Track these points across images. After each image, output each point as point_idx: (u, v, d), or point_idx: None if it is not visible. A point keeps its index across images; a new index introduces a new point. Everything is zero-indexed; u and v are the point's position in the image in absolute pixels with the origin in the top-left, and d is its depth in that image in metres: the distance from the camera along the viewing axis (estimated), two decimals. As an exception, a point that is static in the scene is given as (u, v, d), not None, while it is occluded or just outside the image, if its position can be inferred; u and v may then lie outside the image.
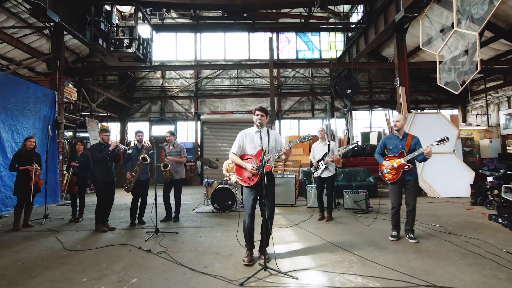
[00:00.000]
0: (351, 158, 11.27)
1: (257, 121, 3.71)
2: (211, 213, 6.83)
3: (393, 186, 4.49)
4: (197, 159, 15.04)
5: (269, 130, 3.84)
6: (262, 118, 3.74)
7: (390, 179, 4.47)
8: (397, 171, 4.39)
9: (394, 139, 4.55)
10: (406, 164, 4.34)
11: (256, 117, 3.76)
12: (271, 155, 3.64)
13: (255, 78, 15.62)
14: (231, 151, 3.85)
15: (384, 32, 10.70)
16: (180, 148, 6.18)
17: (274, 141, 3.80)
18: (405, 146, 4.44)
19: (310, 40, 16.03)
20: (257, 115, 3.75)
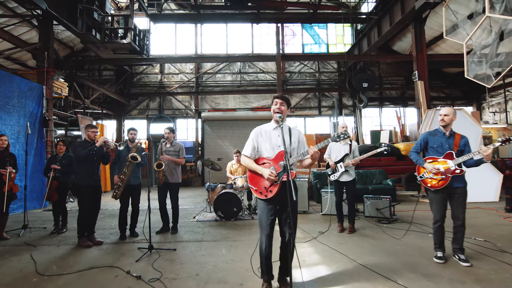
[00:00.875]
0: (363, 159, 10.44)
1: (276, 112, 2.90)
2: (214, 221, 6.02)
3: (437, 195, 3.68)
4: (197, 159, 14.23)
5: (290, 127, 3.03)
6: (282, 108, 2.93)
7: (434, 186, 3.66)
8: (445, 176, 3.57)
9: (439, 136, 3.74)
10: (457, 168, 3.53)
11: (274, 107, 2.95)
12: (294, 158, 2.83)
13: (258, 74, 14.80)
14: (243, 154, 3.04)
15: (400, 22, 9.87)
16: (179, 147, 5.38)
17: (297, 141, 2.99)
18: (453, 146, 3.63)
19: (316, 33, 15.19)
20: (276, 103, 2.94)
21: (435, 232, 3.74)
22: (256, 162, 2.96)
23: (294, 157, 2.83)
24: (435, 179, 3.65)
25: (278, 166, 2.82)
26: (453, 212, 3.63)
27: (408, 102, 15.46)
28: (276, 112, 2.92)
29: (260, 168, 2.86)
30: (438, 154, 3.70)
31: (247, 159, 2.99)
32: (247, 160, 2.99)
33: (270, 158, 2.91)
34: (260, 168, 2.85)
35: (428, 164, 3.69)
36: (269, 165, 2.87)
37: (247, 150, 3.01)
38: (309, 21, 11.61)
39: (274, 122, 2.99)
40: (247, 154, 3.00)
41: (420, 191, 9.61)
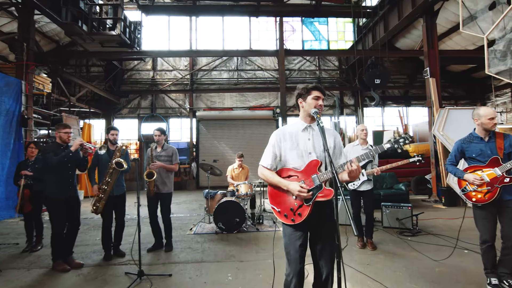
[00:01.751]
0: (370, 161, 9.80)
1: (312, 108, 2.20)
2: (214, 234, 5.29)
3: (482, 211, 3.03)
4: (192, 160, 13.46)
5: (323, 127, 2.31)
6: (322, 105, 2.23)
7: (481, 200, 3.01)
8: (492, 187, 2.92)
9: (475, 143, 3.09)
10: (506, 176, 2.89)
11: (311, 101, 2.23)
12: (329, 172, 2.12)
13: (256, 71, 14.08)
14: (262, 164, 2.33)
15: (410, 16, 9.27)
16: (171, 151, 4.62)
17: (332, 146, 2.28)
18: (498, 149, 2.99)
19: (317, 29, 14.55)
20: (317, 98, 2.23)
21: (485, 254, 3.09)
22: (279, 174, 2.26)
23: (329, 171, 2.12)
24: (480, 192, 3.00)
25: (310, 181, 2.12)
26: (504, 230, 2.98)
27: (411, 102, 14.93)
28: (314, 107, 2.20)
29: (285, 182, 2.15)
30: (481, 163, 3.05)
31: (266, 171, 2.28)
32: (266, 172, 2.28)
33: (298, 170, 2.20)
34: (286, 182, 2.14)
35: (469, 175, 3.04)
36: (296, 179, 2.16)
37: (266, 159, 2.30)
38: (312, 14, 10.94)
39: (303, 120, 2.29)
40: (266, 165, 2.29)
41: (432, 195, 9.03)
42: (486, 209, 3.01)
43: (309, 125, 2.26)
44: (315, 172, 2.13)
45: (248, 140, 13.49)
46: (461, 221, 6.13)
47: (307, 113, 2.24)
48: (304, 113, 2.28)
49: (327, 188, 2.10)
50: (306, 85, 2.29)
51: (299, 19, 14.24)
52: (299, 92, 2.33)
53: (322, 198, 2.09)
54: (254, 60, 14.00)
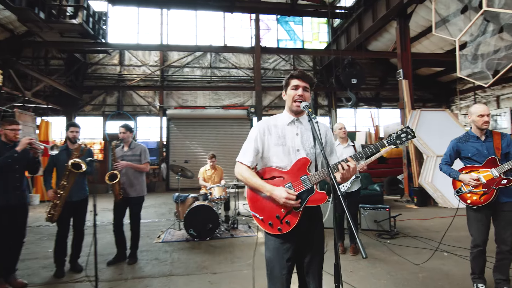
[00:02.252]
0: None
1: (295, 97, 1.90)
2: (185, 242, 4.85)
3: (477, 214, 2.89)
4: (161, 161, 12.79)
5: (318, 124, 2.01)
6: (306, 95, 1.92)
7: (476, 202, 2.87)
8: (488, 189, 2.79)
9: (472, 142, 2.96)
10: (504, 178, 2.77)
11: (292, 92, 1.92)
12: (321, 174, 1.82)
13: (230, 69, 13.69)
14: (239, 161, 1.99)
15: (384, 18, 9.37)
16: (140, 150, 4.15)
17: (324, 143, 1.99)
18: (495, 149, 2.86)
19: (292, 29, 14.44)
20: (296, 87, 1.91)
21: (475, 259, 2.96)
22: (260, 175, 1.92)
23: (321, 171, 1.82)
24: (476, 194, 2.86)
25: (299, 183, 1.81)
26: (499, 234, 2.86)
27: (382, 103, 15.27)
28: (295, 96, 1.90)
29: (269, 186, 1.81)
30: (477, 163, 2.92)
31: (245, 169, 1.93)
32: (245, 172, 1.93)
33: (283, 170, 1.88)
34: (269, 187, 1.81)
35: (464, 175, 2.90)
36: (282, 181, 1.84)
37: (246, 155, 1.95)
38: (288, 13, 10.77)
39: (289, 112, 1.98)
40: (245, 162, 1.94)
41: (404, 195, 9.15)
42: (481, 211, 2.87)
43: (297, 118, 1.95)
44: (305, 173, 1.83)
45: (221, 140, 13.06)
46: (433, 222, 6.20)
47: (289, 108, 1.95)
48: (287, 106, 1.99)
49: (320, 192, 1.80)
50: (289, 75, 1.98)
51: (274, 18, 14.07)
52: (283, 84, 2.03)
53: (314, 203, 1.78)
54: (228, 57, 13.61)
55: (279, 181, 1.85)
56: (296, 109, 1.89)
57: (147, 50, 12.89)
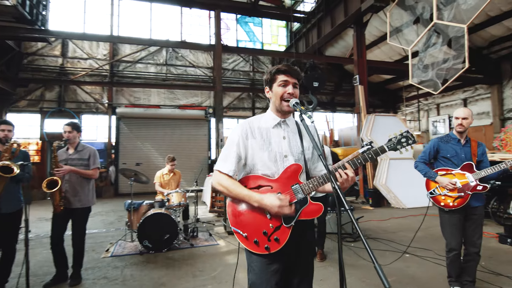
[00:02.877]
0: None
1: (284, 95, 1.64)
2: (139, 255, 4.32)
3: (451, 217, 2.92)
4: (109, 164, 11.72)
5: (298, 122, 1.78)
6: (296, 92, 1.67)
7: (449, 206, 2.89)
8: (464, 193, 2.83)
9: (452, 144, 3.00)
10: (479, 184, 2.82)
11: (278, 89, 1.66)
12: (317, 179, 1.59)
13: (188, 67, 13.10)
14: (218, 169, 1.67)
15: (342, 25, 9.68)
16: (88, 153, 3.55)
17: (311, 147, 1.76)
18: (472, 155, 2.93)
19: (251, 30, 14.32)
20: (285, 83, 1.65)
21: (451, 263, 2.96)
22: (243, 184, 1.63)
23: (316, 179, 1.58)
24: (450, 197, 2.88)
25: (290, 194, 1.55)
26: (469, 236, 2.91)
27: (336, 108, 15.84)
28: (284, 100, 1.64)
29: (257, 195, 1.54)
30: (453, 165, 2.95)
31: (225, 178, 1.63)
32: (225, 181, 1.62)
33: (270, 178, 1.61)
34: (257, 196, 1.53)
35: (443, 178, 2.91)
36: (269, 191, 1.58)
37: (227, 163, 1.65)
38: (249, 13, 10.59)
39: (275, 113, 1.72)
40: (225, 171, 1.64)
41: (359, 196, 9.47)
42: (454, 215, 2.89)
43: (283, 120, 1.70)
44: (296, 181, 1.58)
45: (177, 141, 12.41)
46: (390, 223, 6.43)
47: (276, 107, 1.69)
48: (273, 105, 1.72)
49: (314, 203, 1.56)
50: (272, 68, 1.72)
51: (234, 18, 13.82)
52: (265, 78, 1.76)
53: (308, 216, 1.54)
54: (185, 55, 13.00)
55: (266, 190, 1.58)
56: (287, 109, 1.64)
57: (94, 41, 11.70)
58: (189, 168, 11.83)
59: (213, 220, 6.75)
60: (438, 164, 3.08)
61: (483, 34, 10.16)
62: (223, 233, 5.54)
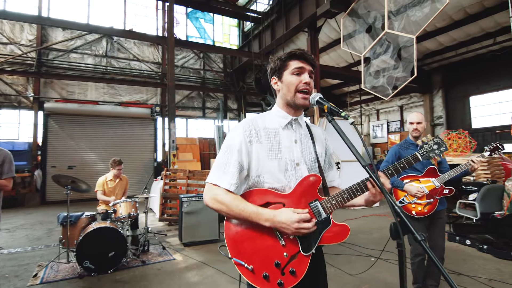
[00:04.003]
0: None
1: (299, 85, 1.33)
2: (78, 279, 3.58)
3: (418, 224, 2.89)
4: (35, 167, 10.10)
5: (308, 124, 1.49)
6: (312, 84, 1.35)
7: (420, 213, 2.86)
8: (433, 199, 2.82)
9: (411, 149, 2.99)
10: (445, 188, 2.83)
11: (291, 78, 1.34)
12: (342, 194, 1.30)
13: (132, 61, 11.97)
14: (213, 183, 1.28)
15: (297, 28, 9.74)
16: (2, 158, 2.77)
17: (323, 153, 1.48)
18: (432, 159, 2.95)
19: (202, 27, 13.72)
20: (299, 71, 1.34)
21: (418, 268, 2.95)
22: (247, 198, 1.27)
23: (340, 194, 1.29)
24: (420, 204, 2.85)
25: (309, 213, 1.23)
26: (433, 240, 2.92)
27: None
28: (300, 91, 1.32)
29: (267, 211, 1.20)
30: (416, 171, 2.94)
31: (222, 192, 1.25)
32: (223, 196, 1.25)
33: (281, 192, 1.28)
34: (268, 213, 1.20)
35: (411, 186, 2.86)
36: (280, 207, 1.24)
37: (226, 175, 1.27)
38: (202, 7, 10.06)
39: (285, 109, 1.39)
40: (224, 185, 1.26)
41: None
42: (420, 221, 2.86)
43: (295, 118, 1.38)
44: (315, 196, 1.26)
45: (118, 142, 11.25)
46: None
47: (286, 101, 1.35)
48: (282, 100, 1.39)
49: (339, 223, 1.27)
50: (282, 53, 1.39)
51: (184, 12, 13.08)
52: (272, 67, 1.42)
53: (332, 240, 1.24)
54: (129, 47, 11.87)
55: (277, 208, 1.24)
56: (302, 102, 1.32)
57: (18, 21, 9.89)
58: (133, 171, 10.78)
59: (164, 229, 6.11)
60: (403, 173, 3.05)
61: (419, 47, 11.11)
62: (178, 245, 4.99)
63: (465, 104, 11.49)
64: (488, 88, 10.47)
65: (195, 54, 13.29)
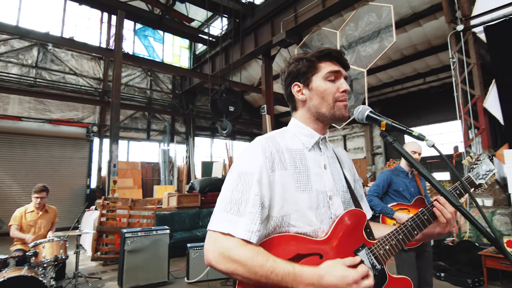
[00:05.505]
0: (208, 194, 9.05)
1: (336, 94, 1.02)
2: None
3: (408, 256, 2.74)
4: None
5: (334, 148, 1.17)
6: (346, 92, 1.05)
7: (410, 244, 2.69)
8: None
9: (402, 177, 2.92)
10: None
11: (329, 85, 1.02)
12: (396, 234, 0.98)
13: (68, 74, 10.71)
14: (219, 230, 0.86)
15: (252, 54, 9.87)
16: None
17: (354, 179, 1.16)
18: (420, 189, 2.90)
19: (151, 45, 13.10)
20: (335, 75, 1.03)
21: None
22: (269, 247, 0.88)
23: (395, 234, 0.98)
24: None
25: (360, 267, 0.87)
26: (423, 275, 2.77)
27: (236, 136, 15.86)
28: (340, 100, 1.01)
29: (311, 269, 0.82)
30: (404, 200, 2.84)
31: (240, 246, 0.83)
32: (241, 252, 0.82)
33: (313, 238, 0.90)
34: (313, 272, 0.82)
35: (401, 214, 2.73)
36: (317, 262, 0.86)
37: (242, 218, 0.86)
38: (154, 24, 9.53)
39: (310, 125, 1.06)
40: (240, 234, 0.84)
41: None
42: (410, 253, 2.70)
43: (323, 136, 1.05)
44: (362, 241, 0.93)
45: (44, 165, 9.65)
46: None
47: (318, 114, 1.04)
48: (310, 113, 1.06)
49: (397, 277, 0.94)
50: (311, 53, 1.08)
51: (132, 28, 12.38)
52: (292, 69, 1.09)
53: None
54: (66, 59, 10.64)
55: (311, 261, 0.86)
56: (345, 113, 1.00)
57: None
58: (60, 200, 9.25)
59: (98, 271, 5.12)
60: (388, 198, 2.94)
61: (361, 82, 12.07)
62: (117, 290, 4.14)
63: (400, 136, 12.58)
64: (419, 122, 11.66)
65: (142, 72, 12.51)
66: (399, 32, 8.48)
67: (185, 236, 6.15)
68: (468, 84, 4.80)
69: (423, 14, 8.15)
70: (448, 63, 9.73)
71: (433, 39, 8.94)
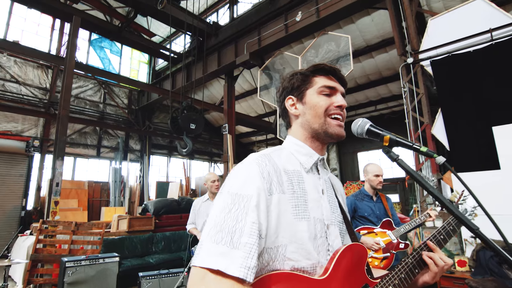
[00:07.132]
0: (163, 216, 8.50)
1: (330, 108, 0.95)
2: None
3: None
4: None
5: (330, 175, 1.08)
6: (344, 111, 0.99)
7: (377, 268, 2.69)
8: (389, 253, 2.71)
9: (366, 201, 2.94)
10: (401, 242, 2.77)
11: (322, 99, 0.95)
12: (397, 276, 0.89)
13: (8, 82, 9.65)
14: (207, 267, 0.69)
15: (214, 73, 9.82)
16: None
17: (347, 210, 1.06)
18: (386, 210, 2.93)
19: (108, 57, 12.47)
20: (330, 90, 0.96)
21: None
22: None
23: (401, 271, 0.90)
24: (376, 258, 2.70)
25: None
26: None
27: (194, 155, 15.43)
28: (334, 117, 0.93)
29: None
30: (371, 224, 2.85)
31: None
32: None
33: (311, 277, 0.78)
34: None
35: (367, 238, 2.73)
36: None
37: (236, 251, 0.70)
38: (112, 36, 9.09)
39: (307, 143, 0.97)
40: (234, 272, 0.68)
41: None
42: None
43: (321, 158, 0.96)
44: (364, 280, 0.83)
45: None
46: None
47: (312, 130, 0.96)
48: (305, 129, 0.98)
49: None
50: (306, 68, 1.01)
51: (87, 38, 11.71)
52: (286, 85, 1.02)
53: None
54: (8, 66, 9.61)
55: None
56: (339, 132, 0.93)
57: None
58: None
59: (29, 307, 4.40)
60: (356, 223, 2.94)
61: (319, 106, 12.60)
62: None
63: (354, 159, 13.22)
64: (372, 146, 12.37)
65: (96, 84, 11.76)
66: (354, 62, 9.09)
67: (136, 263, 5.62)
68: (418, 112, 5.18)
69: (375, 47, 8.83)
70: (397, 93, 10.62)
71: (384, 70, 9.71)
